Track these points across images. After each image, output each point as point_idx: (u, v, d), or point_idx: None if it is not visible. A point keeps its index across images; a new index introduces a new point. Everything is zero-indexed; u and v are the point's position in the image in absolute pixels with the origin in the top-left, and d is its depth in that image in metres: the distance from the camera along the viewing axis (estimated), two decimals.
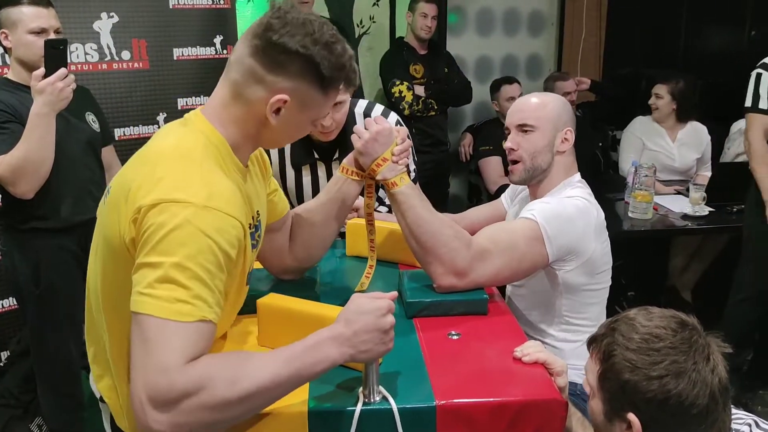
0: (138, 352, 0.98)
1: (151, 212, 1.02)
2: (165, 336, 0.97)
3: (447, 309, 1.48)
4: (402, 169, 1.53)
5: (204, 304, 1.00)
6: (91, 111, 2.33)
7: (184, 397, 0.95)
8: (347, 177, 1.54)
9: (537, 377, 1.23)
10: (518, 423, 1.16)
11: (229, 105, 1.16)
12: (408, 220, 1.50)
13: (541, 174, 1.72)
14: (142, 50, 2.77)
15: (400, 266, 1.75)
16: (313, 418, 1.13)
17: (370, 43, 4.18)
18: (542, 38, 4.48)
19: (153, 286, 0.99)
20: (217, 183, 1.09)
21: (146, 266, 1.00)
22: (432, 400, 1.15)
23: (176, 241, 1.00)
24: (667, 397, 1.08)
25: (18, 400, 2.48)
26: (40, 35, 2.07)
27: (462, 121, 4.32)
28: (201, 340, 1.00)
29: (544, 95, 1.81)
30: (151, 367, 0.96)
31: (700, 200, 3.12)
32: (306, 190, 2.06)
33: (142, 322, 0.98)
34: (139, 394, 0.95)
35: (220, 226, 1.04)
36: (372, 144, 1.50)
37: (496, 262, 1.51)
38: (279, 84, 1.13)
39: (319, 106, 1.19)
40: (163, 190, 1.04)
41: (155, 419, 0.95)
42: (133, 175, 1.10)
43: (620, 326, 1.15)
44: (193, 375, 0.96)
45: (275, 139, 1.24)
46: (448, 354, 1.32)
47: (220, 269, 1.04)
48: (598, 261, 1.67)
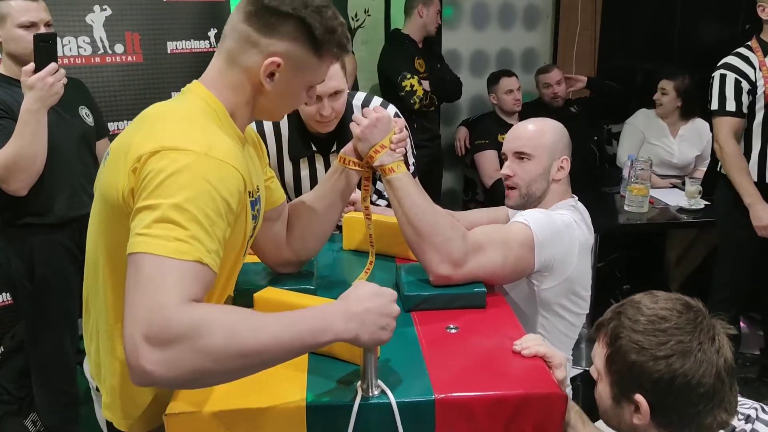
0: (132, 291, 0.94)
1: (151, 159, 1.02)
2: (161, 273, 0.94)
3: (445, 302, 1.47)
4: (399, 157, 1.53)
5: (202, 246, 0.98)
6: (84, 105, 2.30)
7: (180, 339, 0.90)
8: (345, 167, 1.54)
9: (536, 371, 1.23)
10: (518, 417, 1.15)
11: (226, 72, 1.18)
12: (404, 207, 1.49)
13: (536, 201, 1.74)
14: (135, 43, 2.75)
15: (397, 260, 1.74)
16: (311, 413, 1.12)
17: (365, 36, 4.16)
18: (537, 32, 4.48)
19: (150, 226, 0.97)
20: (218, 137, 1.11)
21: (144, 209, 1.00)
22: (431, 393, 1.14)
23: (176, 185, 1.00)
24: (674, 377, 1.09)
25: (12, 395, 2.47)
26: (29, 29, 2.04)
27: (457, 115, 4.32)
28: (197, 281, 0.97)
29: (543, 122, 1.79)
30: (145, 303, 0.92)
31: (696, 194, 3.13)
32: (304, 183, 2.05)
33: (138, 261, 0.96)
34: (132, 334, 0.91)
35: (221, 174, 1.04)
36: (371, 130, 1.51)
37: (490, 256, 1.50)
38: (272, 47, 1.14)
39: (313, 70, 1.20)
40: (163, 139, 1.05)
41: (149, 358, 0.90)
42: (133, 135, 1.11)
43: (626, 310, 1.17)
44: (193, 317, 0.92)
45: (271, 106, 1.24)
46: (446, 347, 1.31)
47: (219, 216, 1.03)
48: (576, 281, 1.65)
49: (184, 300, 0.93)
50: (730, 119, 2.71)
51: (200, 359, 0.92)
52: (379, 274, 1.65)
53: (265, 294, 1.31)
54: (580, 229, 1.66)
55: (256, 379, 1.17)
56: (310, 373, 1.21)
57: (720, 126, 2.74)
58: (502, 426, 1.15)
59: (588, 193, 3.31)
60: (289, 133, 2.00)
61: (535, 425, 1.16)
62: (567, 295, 1.66)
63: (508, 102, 3.80)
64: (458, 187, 4.43)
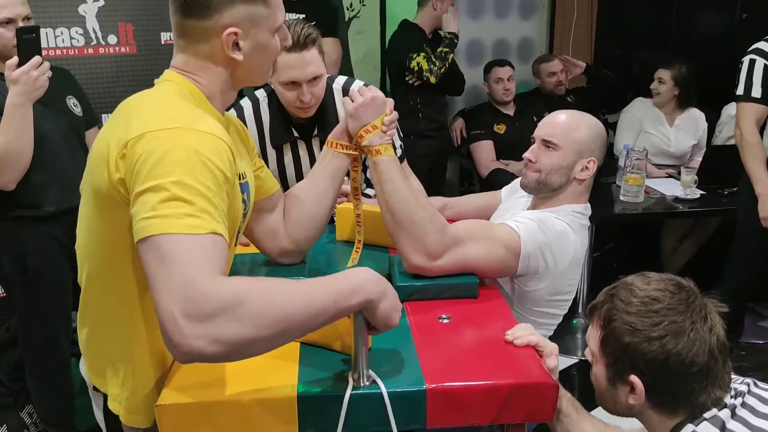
0: (158, 273, 0.93)
1: (138, 143, 1.02)
2: (183, 250, 0.93)
3: (437, 293, 1.47)
4: (388, 140, 1.53)
5: (211, 217, 0.98)
6: (72, 95, 2.28)
7: (220, 310, 0.90)
8: (334, 150, 1.54)
9: (527, 360, 1.23)
10: (509, 406, 1.16)
11: (191, 60, 1.18)
12: (386, 192, 1.49)
13: (549, 192, 1.68)
14: (128, 34, 2.74)
15: (391, 251, 1.74)
16: (302, 403, 1.12)
17: (360, 26, 4.14)
18: (533, 21, 4.45)
19: (156, 208, 0.96)
20: (199, 114, 1.11)
21: (144, 192, 0.98)
22: (422, 383, 1.14)
23: (170, 163, 0.99)
24: (667, 357, 1.10)
25: (8, 388, 2.46)
26: (7, 26, 2.02)
27: (453, 106, 4.30)
28: (218, 253, 0.96)
29: (580, 117, 1.71)
30: (177, 282, 0.90)
31: (691, 183, 3.12)
32: (288, 170, 2.05)
33: (154, 243, 0.94)
34: (171, 314, 0.89)
35: (210, 145, 1.04)
36: (365, 109, 1.50)
37: (468, 251, 1.49)
38: (219, 22, 1.13)
39: (268, 17, 1.18)
40: (147, 123, 1.04)
41: (194, 334, 0.89)
42: (114, 126, 1.11)
43: (619, 292, 1.17)
44: (229, 288, 0.92)
45: (252, 70, 1.22)
46: (438, 338, 1.32)
47: (218, 187, 1.02)
48: (560, 288, 1.64)
49: (213, 272, 0.93)
50: (754, 106, 2.64)
51: (242, 327, 0.91)
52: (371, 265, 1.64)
53: None
54: (574, 237, 1.62)
55: (247, 370, 1.18)
56: (301, 363, 1.21)
57: (743, 112, 2.67)
58: (493, 415, 1.16)
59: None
60: (270, 121, 2.00)
61: (527, 413, 1.17)
62: (547, 299, 1.64)
63: (498, 91, 3.79)
64: (454, 178, 4.43)
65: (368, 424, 1.15)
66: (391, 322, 1.10)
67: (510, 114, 3.82)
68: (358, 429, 1.14)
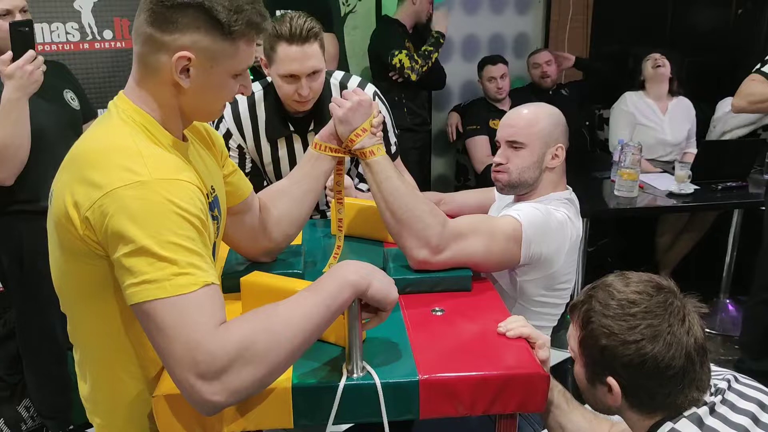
0: (160, 342, 0.96)
1: (104, 203, 0.98)
2: (180, 313, 0.95)
3: (431, 285, 1.49)
4: (379, 140, 1.53)
5: (198, 270, 0.98)
6: (69, 88, 2.29)
7: (230, 363, 0.94)
8: (321, 153, 1.54)
9: (519, 351, 1.25)
10: (501, 396, 1.17)
11: (143, 79, 1.11)
12: (384, 192, 1.50)
13: (527, 188, 1.71)
14: (124, 29, 2.74)
15: (385, 244, 1.75)
16: (297, 394, 1.13)
17: (356, 22, 4.14)
18: (529, 17, 4.46)
19: (144, 272, 0.96)
20: (158, 156, 1.06)
21: (126, 257, 0.97)
22: (415, 374, 1.16)
23: (144, 221, 0.97)
24: (643, 360, 1.10)
25: (5, 381, 2.48)
26: (5, 17, 2.02)
27: (449, 101, 4.31)
28: (213, 304, 0.98)
29: (537, 109, 1.74)
30: (183, 349, 0.93)
31: (685, 178, 3.13)
32: (282, 164, 2.05)
33: (149, 310, 0.96)
34: (185, 379, 0.93)
35: (180, 193, 1.01)
36: (353, 113, 1.51)
37: (472, 244, 1.50)
38: (178, 42, 1.06)
39: (230, 56, 1.10)
40: (109, 179, 1.00)
41: (211, 391, 0.93)
42: (70, 180, 1.05)
43: (597, 293, 1.17)
44: (232, 338, 0.95)
45: (198, 104, 1.15)
46: (431, 330, 1.33)
47: (198, 232, 1.02)
48: (559, 276, 1.66)
49: (214, 328, 0.95)
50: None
51: (255, 370, 0.96)
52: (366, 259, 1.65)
53: (251, 278, 1.31)
54: (572, 227, 1.65)
55: None
56: None
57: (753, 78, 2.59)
58: (485, 405, 1.17)
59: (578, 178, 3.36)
60: (266, 114, 1.99)
61: (518, 404, 1.18)
62: (547, 289, 1.66)
63: (491, 89, 3.82)
64: (450, 173, 4.44)
65: (362, 415, 1.16)
66: (390, 297, 1.13)
67: (505, 109, 3.83)
68: (351, 419, 1.16)
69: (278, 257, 1.57)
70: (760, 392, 1.16)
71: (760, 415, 1.11)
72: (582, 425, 1.32)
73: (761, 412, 1.12)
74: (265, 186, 1.85)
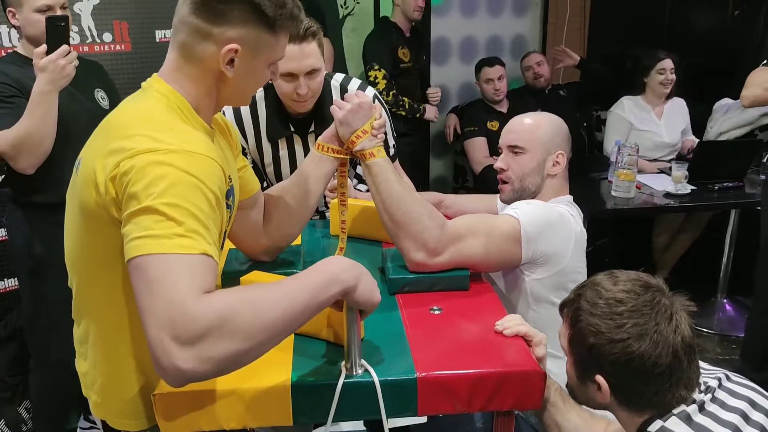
0: (145, 296, 0.94)
1: (129, 165, 1.01)
2: (171, 271, 0.94)
3: (429, 285, 1.50)
4: (379, 142, 1.54)
5: (202, 239, 0.99)
6: (101, 88, 2.30)
7: (208, 331, 0.91)
8: (323, 154, 1.55)
9: (516, 349, 1.26)
10: (498, 394, 1.18)
11: (183, 66, 1.16)
12: (382, 194, 1.51)
13: (529, 195, 1.72)
14: (123, 32, 2.75)
15: (384, 245, 1.76)
16: (296, 392, 1.15)
17: (354, 24, 4.16)
18: (527, 18, 4.48)
19: (148, 228, 0.97)
20: (189, 133, 1.11)
21: (136, 213, 0.98)
22: (413, 372, 1.17)
23: (163, 184, 0.99)
24: (630, 359, 1.11)
25: (6, 383, 2.48)
26: (46, 13, 2.05)
27: (447, 103, 4.33)
28: (207, 273, 0.97)
29: (539, 116, 1.78)
30: (163, 304, 0.91)
31: (682, 178, 3.15)
32: (283, 164, 2.06)
33: (143, 263, 0.95)
34: (159, 337, 0.90)
35: (203, 167, 1.04)
36: (353, 115, 1.51)
37: (470, 246, 1.51)
38: (226, 34, 1.12)
39: (271, 47, 1.18)
40: (137, 144, 1.03)
41: (183, 357, 0.90)
42: (103, 144, 1.09)
43: (586, 292, 1.19)
44: (215, 306, 0.93)
45: (236, 92, 1.22)
46: (429, 328, 1.34)
47: (211, 209, 1.03)
48: (569, 276, 1.65)
49: (199, 293, 0.93)
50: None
51: (232, 343, 0.93)
52: (365, 259, 1.67)
53: (250, 277, 1.33)
54: (574, 221, 1.65)
55: None
56: (295, 353, 1.23)
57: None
58: (482, 403, 1.19)
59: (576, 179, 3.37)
60: (267, 115, 2.01)
61: (515, 401, 1.20)
62: (557, 290, 1.64)
63: (488, 91, 3.84)
64: (448, 175, 4.46)
65: (360, 412, 1.18)
66: (373, 300, 1.13)
67: (503, 111, 3.86)
68: (350, 416, 1.18)
69: (278, 257, 1.58)
70: (752, 390, 1.17)
71: (750, 413, 1.12)
72: (578, 424, 1.33)
73: (752, 410, 1.13)
74: (265, 187, 1.86)
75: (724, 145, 3.53)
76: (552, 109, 1.87)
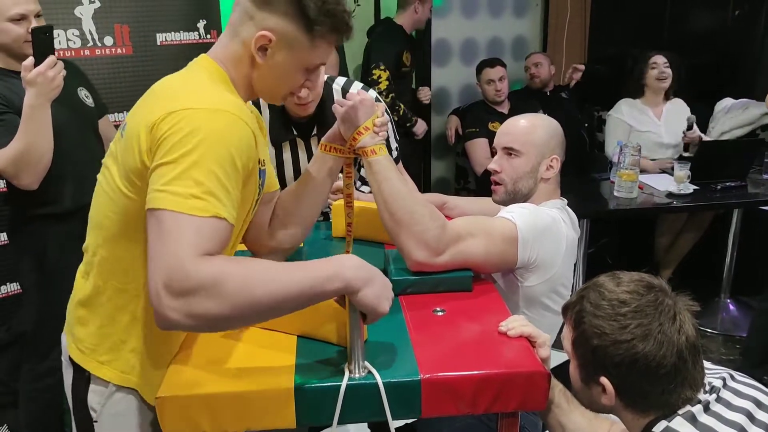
0: (154, 244, 1.01)
1: (166, 119, 1.07)
2: (180, 228, 1.00)
3: (432, 286, 1.50)
4: (381, 140, 1.54)
5: (218, 201, 1.03)
6: (83, 86, 2.29)
7: (197, 289, 0.97)
8: (327, 154, 1.55)
9: (520, 350, 1.25)
10: (502, 395, 1.18)
11: (228, 45, 1.22)
12: (383, 192, 1.50)
13: (522, 198, 1.72)
14: (125, 36, 2.75)
15: (386, 246, 1.76)
16: (299, 394, 1.14)
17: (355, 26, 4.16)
18: (527, 19, 4.49)
19: (169, 183, 1.02)
20: (227, 95, 1.17)
21: (162, 165, 1.04)
22: (417, 374, 1.16)
23: (191, 142, 1.04)
24: (635, 360, 1.11)
25: (8, 387, 2.48)
26: (20, 22, 2.03)
27: (448, 104, 4.33)
28: (215, 236, 1.02)
29: (535, 119, 1.77)
30: (166, 255, 0.99)
31: (684, 178, 3.14)
32: (287, 168, 2.06)
33: (158, 216, 1.02)
34: (155, 282, 0.98)
35: (233, 128, 1.09)
36: (355, 112, 1.51)
37: (471, 246, 1.51)
38: (266, 21, 1.17)
39: (306, 50, 1.20)
40: (176, 102, 1.09)
41: (170, 306, 0.97)
42: (145, 107, 1.16)
43: (589, 293, 1.18)
44: (208, 269, 0.98)
45: (266, 84, 1.25)
46: (433, 330, 1.34)
47: (235, 170, 1.07)
48: (559, 281, 1.66)
49: (200, 254, 0.99)
50: None
51: (216, 306, 0.99)
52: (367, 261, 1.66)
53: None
54: (566, 227, 1.65)
55: (245, 362, 1.21)
56: (298, 355, 1.23)
57: None
58: (487, 404, 1.18)
59: (578, 179, 3.38)
60: (270, 118, 2.01)
61: (519, 402, 1.19)
62: (549, 294, 1.65)
63: (489, 92, 3.85)
64: (450, 176, 4.45)
65: (364, 414, 1.17)
66: (378, 309, 1.12)
67: (504, 112, 3.85)
68: (354, 419, 1.17)
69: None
70: (757, 390, 1.16)
71: (755, 412, 1.12)
72: (582, 424, 1.32)
73: (757, 410, 1.12)
74: None
75: (726, 145, 3.52)
76: (554, 110, 1.88)
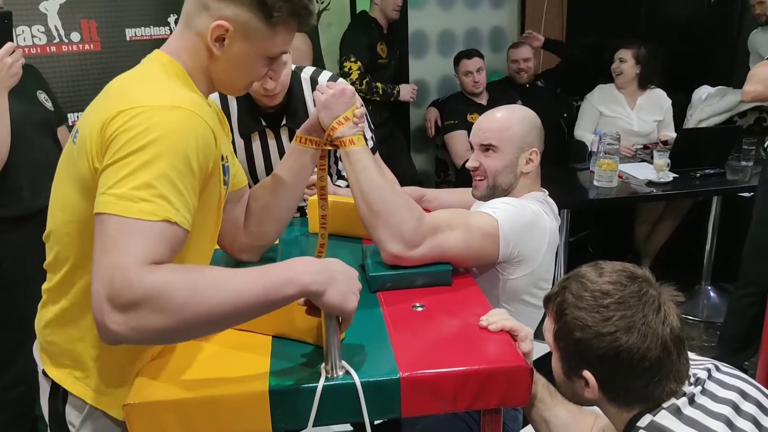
0: (98, 251, 0.94)
1: (117, 117, 1.00)
2: (126, 234, 0.94)
3: (410, 281, 1.46)
4: (360, 131, 1.51)
5: (169, 204, 0.97)
6: (42, 90, 2.23)
7: (141, 302, 0.91)
8: (303, 146, 1.51)
9: (501, 345, 1.22)
10: (484, 391, 1.15)
11: (182, 36, 1.17)
12: (360, 182, 1.47)
13: (502, 193, 1.69)
14: (92, 31, 2.68)
15: (364, 241, 1.73)
16: (274, 397, 1.10)
17: (330, 19, 4.12)
18: (504, 10, 4.46)
19: (116, 185, 0.96)
20: (183, 91, 1.10)
21: (110, 166, 0.98)
22: (396, 372, 1.13)
23: (143, 140, 0.98)
24: (618, 352, 1.08)
25: None
26: None
27: (426, 96, 4.30)
28: (164, 242, 0.96)
29: (511, 112, 1.72)
30: (109, 265, 0.92)
31: (664, 166, 3.14)
32: (257, 160, 2.02)
33: (104, 222, 0.95)
34: (98, 294, 0.92)
35: (190, 125, 1.03)
36: (335, 100, 1.48)
37: (448, 239, 1.47)
38: (222, 11, 1.12)
39: (266, 39, 1.16)
40: (129, 100, 1.03)
41: (114, 320, 0.91)
42: (97, 107, 1.08)
43: (571, 284, 1.15)
44: (153, 279, 0.92)
45: (225, 76, 1.20)
46: (412, 326, 1.30)
47: (190, 171, 1.01)
48: (540, 275, 1.63)
49: (146, 262, 0.93)
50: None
51: (162, 320, 0.92)
52: (345, 256, 1.62)
53: None
54: (548, 220, 1.63)
55: (218, 365, 1.16)
56: (273, 356, 1.19)
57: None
58: (468, 401, 1.15)
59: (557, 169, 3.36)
60: (238, 110, 1.97)
61: (502, 398, 1.16)
62: (530, 288, 1.63)
63: (467, 83, 3.82)
64: (430, 169, 4.43)
65: (343, 416, 1.14)
66: (346, 308, 1.07)
67: (483, 103, 3.83)
68: (332, 421, 1.13)
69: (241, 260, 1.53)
70: (741, 381, 1.14)
71: (741, 404, 1.09)
72: (566, 419, 1.30)
73: (742, 401, 1.10)
74: None
75: (705, 132, 3.53)
76: (533, 101, 1.85)
